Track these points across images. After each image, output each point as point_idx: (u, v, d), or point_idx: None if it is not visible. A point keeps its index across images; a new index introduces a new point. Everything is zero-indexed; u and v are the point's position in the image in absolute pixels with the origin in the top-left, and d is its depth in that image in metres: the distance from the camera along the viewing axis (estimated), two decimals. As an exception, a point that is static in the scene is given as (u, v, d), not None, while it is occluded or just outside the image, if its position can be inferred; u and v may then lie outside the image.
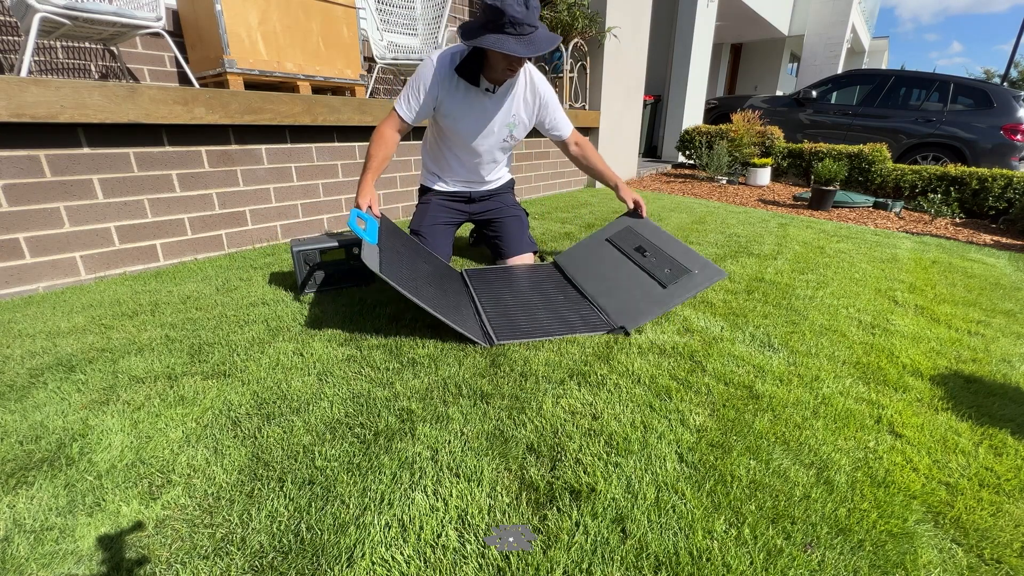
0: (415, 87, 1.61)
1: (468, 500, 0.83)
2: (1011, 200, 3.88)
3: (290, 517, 0.78)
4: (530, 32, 1.44)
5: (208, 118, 1.95)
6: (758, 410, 1.12)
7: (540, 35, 1.47)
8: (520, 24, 1.41)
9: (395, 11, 3.26)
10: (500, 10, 1.38)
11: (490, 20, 1.42)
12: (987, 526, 0.84)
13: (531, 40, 1.44)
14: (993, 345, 1.57)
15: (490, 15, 1.41)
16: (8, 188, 1.60)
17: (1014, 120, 4.81)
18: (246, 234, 2.26)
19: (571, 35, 3.98)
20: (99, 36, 2.10)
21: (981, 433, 1.10)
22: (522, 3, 1.40)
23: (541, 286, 1.76)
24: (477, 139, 1.75)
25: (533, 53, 1.46)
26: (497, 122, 1.73)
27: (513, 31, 1.42)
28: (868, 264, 2.39)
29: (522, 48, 1.43)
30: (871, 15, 14.29)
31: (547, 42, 1.47)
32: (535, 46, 1.45)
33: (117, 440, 0.94)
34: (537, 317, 1.52)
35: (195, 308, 1.56)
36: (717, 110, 7.35)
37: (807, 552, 0.76)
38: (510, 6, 1.38)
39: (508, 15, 1.39)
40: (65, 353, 1.26)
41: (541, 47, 1.46)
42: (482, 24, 1.44)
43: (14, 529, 0.75)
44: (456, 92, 1.63)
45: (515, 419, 1.04)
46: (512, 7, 1.39)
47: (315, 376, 1.19)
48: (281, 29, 2.37)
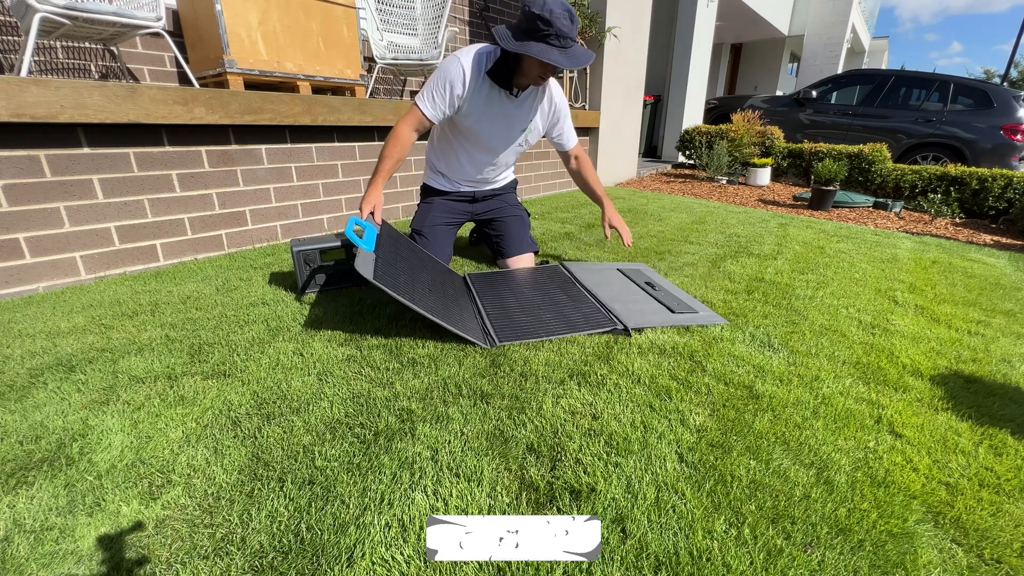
0: (441, 85, 1.59)
1: (468, 500, 0.83)
2: (1011, 200, 3.88)
3: (290, 517, 0.78)
4: (571, 45, 1.49)
5: (208, 118, 1.95)
6: (758, 410, 1.12)
7: (579, 50, 1.51)
8: (565, 37, 1.46)
9: (395, 11, 3.26)
10: (549, 21, 1.42)
11: (535, 29, 1.44)
12: (987, 526, 0.84)
13: (572, 54, 1.49)
14: (993, 345, 1.57)
15: (536, 24, 1.44)
16: (8, 188, 1.60)
17: (1014, 120, 4.81)
18: (246, 234, 2.26)
19: (571, 35, 3.98)
20: (99, 36, 2.10)
21: (981, 433, 1.10)
22: (568, 18, 1.45)
23: (544, 286, 1.77)
24: (496, 141, 1.77)
25: (575, 66, 1.52)
26: (516, 127, 1.75)
27: (557, 43, 1.46)
28: (868, 264, 2.39)
29: (565, 60, 1.48)
30: (871, 15, 14.29)
31: (585, 57, 1.52)
32: (576, 60, 1.50)
33: (117, 440, 0.94)
34: (540, 316, 1.53)
35: (195, 308, 1.56)
36: (717, 110, 7.35)
37: (807, 552, 0.76)
38: (559, 18, 1.42)
39: (556, 27, 1.43)
40: (65, 353, 1.26)
41: (581, 61, 1.51)
42: (524, 31, 1.47)
43: (14, 529, 0.75)
44: (480, 93, 1.64)
45: (515, 419, 1.04)
46: (561, 19, 1.43)
47: (315, 376, 1.19)
48: (281, 29, 2.37)
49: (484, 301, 1.62)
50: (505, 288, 1.75)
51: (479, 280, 1.81)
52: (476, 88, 1.61)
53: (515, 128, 1.76)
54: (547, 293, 1.70)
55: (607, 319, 1.51)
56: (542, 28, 1.43)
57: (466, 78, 1.58)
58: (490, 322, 1.47)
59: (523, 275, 1.89)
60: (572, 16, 1.46)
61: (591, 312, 1.56)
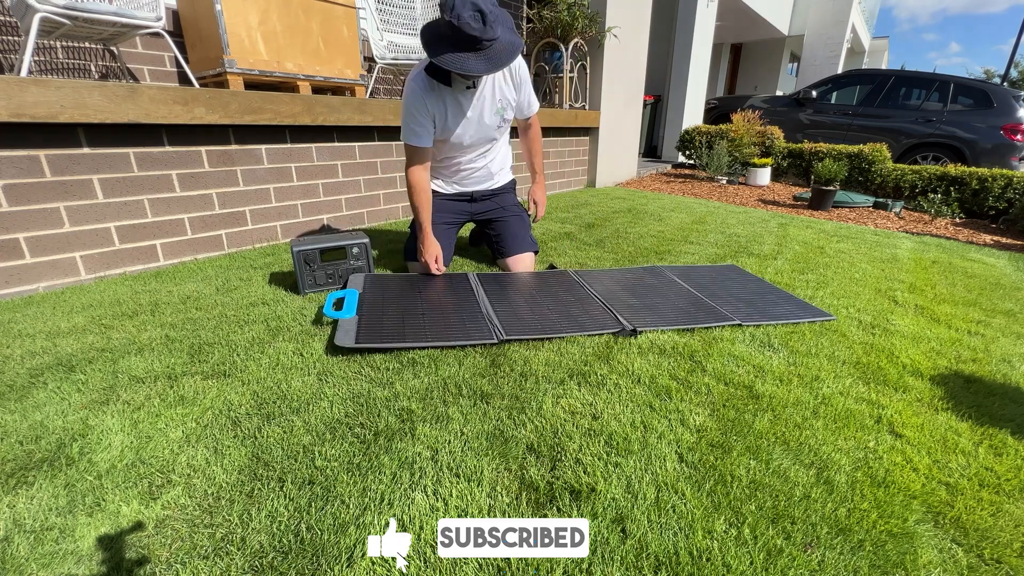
0: (410, 115, 1.61)
1: (468, 500, 0.83)
2: (1011, 200, 3.88)
3: (290, 517, 0.78)
4: (489, 46, 1.41)
5: (208, 118, 1.95)
6: (758, 410, 1.12)
7: (500, 47, 1.43)
8: (478, 41, 1.38)
9: (395, 11, 3.26)
10: (458, 28, 1.35)
11: (447, 35, 1.39)
12: (987, 526, 0.84)
13: (490, 55, 1.41)
14: (993, 345, 1.57)
15: (447, 30, 1.38)
16: (8, 188, 1.60)
17: (1014, 120, 4.80)
18: (246, 234, 2.26)
19: (571, 35, 3.98)
20: (99, 36, 2.10)
21: (981, 433, 1.10)
22: (478, 18, 1.35)
23: (551, 288, 1.77)
24: (470, 134, 1.76)
25: (494, 69, 1.43)
26: (487, 113, 1.74)
27: (471, 47, 1.39)
28: (868, 264, 2.39)
29: (482, 66, 1.41)
30: (871, 15, 14.28)
31: (508, 55, 1.43)
32: (495, 62, 1.42)
33: (117, 440, 0.94)
34: (546, 315, 1.53)
35: (195, 308, 1.56)
36: (717, 110, 7.35)
37: (807, 552, 0.76)
38: (466, 24, 1.34)
39: (465, 33, 1.35)
40: (65, 353, 1.26)
41: (502, 62, 1.43)
42: (440, 36, 1.41)
43: (14, 529, 0.75)
44: (441, 103, 1.63)
45: (515, 419, 1.04)
46: (468, 26, 1.34)
47: (315, 376, 1.19)
48: (281, 29, 2.37)
49: (490, 297, 1.63)
50: (511, 286, 1.76)
51: (485, 278, 1.83)
52: (436, 97, 1.61)
53: (487, 114, 1.73)
54: (554, 294, 1.70)
55: (614, 321, 1.51)
56: (452, 35, 1.37)
57: (422, 94, 1.58)
58: (496, 316, 1.48)
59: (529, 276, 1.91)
60: (484, 15, 1.36)
61: (600, 314, 1.55)
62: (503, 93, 1.75)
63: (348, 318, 1.39)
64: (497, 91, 1.73)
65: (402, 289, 1.67)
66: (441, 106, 1.64)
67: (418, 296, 1.62)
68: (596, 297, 1.68)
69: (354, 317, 1.40)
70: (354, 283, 1.65)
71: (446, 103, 1.64)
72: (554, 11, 3.97)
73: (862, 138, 5.54)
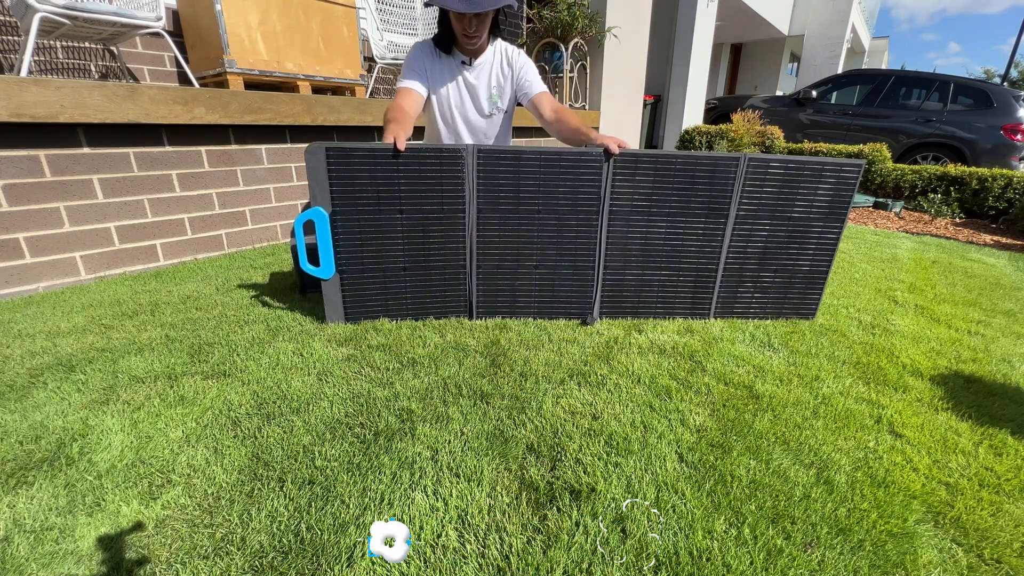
0: (407, 67, 1.71)
1: (468, 500, 0.83)
2: (1011, 200, 3.88)
3: (290, 517, 0.78)
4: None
5: (208, 118, 1.95)
6: (758, 410, 1.12)
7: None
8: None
9: (395, 11, 3.26)
10: None
11: None
12: (987, 526, 0.84)
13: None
14: (993, 345, 1.57)
15: None
16: (8, 188, 1.60)
17: (1014, 120, 4.80)
18: (246, 234, 2.26)
19: (571, 35, 3.98)
20: (99, 36, 2.10)
21: (981, 433, 1.10)
22: None
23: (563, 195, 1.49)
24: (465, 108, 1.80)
25: (471, 10, 1.54)
26: (481, 94, 1.79)
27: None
28: (868, 264, 2.39)
29: (462, 4, 1.52)
30: (871, 15, 14.28)
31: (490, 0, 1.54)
32: (474, 3, 1.53)
33: (117, 440, 0.94)
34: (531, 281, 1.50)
35: (195, 308, 1.56)
36: (717, 110, 7.36)
37: (807, 552, 0.76)
38: None
39: None
40: (65, 353, 1.26)
41: (481, 4, 1.53)
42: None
43: (14, 529, 0.75)
44: (436, 64, 1.73)
45: (515, 419, 1.04)
46: None
47: (315, 376, 1.19)
48: (281, 29, 2.37)
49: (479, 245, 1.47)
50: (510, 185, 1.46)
51: (484, 167, 1.46)
52: (433, 62, 1.72)
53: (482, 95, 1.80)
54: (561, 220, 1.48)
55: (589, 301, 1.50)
56: None
57: (421, 54, 1.71)
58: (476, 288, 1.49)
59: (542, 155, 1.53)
60: None
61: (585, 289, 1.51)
62: (498, 82, 1.81)
63: (329, 278, 1.40)
64: (494, 77, 1.80)
65: (374, 210, 1.41)
66: (436, 66, 1.73)
67: (397, 224, 1.42)
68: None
69: (335, 277, 1.41)
70: (316, 174, 1.36)
71: (441, 66, 1.73)
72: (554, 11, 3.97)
73: (862, 138, 5.54)
